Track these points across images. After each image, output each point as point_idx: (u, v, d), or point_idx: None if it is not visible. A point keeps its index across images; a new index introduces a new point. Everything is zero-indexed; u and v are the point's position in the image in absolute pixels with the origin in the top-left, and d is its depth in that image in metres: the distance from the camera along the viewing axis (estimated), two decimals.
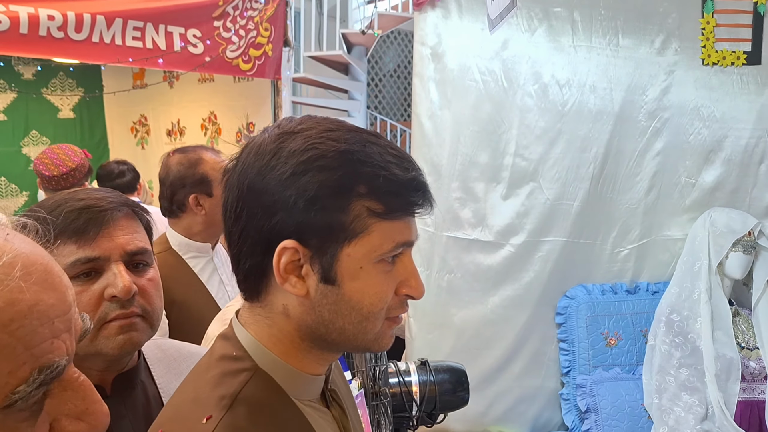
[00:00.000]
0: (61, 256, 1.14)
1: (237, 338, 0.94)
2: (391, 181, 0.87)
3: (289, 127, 0.91)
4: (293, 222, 0.86)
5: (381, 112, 7.99)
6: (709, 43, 3.22)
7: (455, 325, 3.18)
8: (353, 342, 0.92)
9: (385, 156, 0.88)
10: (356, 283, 0.88)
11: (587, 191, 3.18)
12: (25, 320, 0.56)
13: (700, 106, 3.20)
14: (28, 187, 7.83)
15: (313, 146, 0.87)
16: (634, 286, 3.30)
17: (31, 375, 0.56)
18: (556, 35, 3.18)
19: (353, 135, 0.89)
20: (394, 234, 0.89)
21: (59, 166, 3.20)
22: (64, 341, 0.60)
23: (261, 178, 0.87)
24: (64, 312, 0.60)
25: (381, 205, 0.87)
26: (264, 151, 0.89)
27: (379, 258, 0.88)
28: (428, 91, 3.22)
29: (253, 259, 0.90)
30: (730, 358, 2.98)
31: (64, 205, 1.18)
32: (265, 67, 5.91)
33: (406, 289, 0.92)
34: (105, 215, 1.20)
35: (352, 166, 0.86)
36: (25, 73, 7.90)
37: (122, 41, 5.33)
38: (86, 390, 0.63)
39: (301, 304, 0.90)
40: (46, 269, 0.60)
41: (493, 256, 3.19)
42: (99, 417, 0.63)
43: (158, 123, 7.85)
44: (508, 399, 3.23)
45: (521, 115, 3.16)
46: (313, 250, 0.87)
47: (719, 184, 3.22)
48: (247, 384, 0.90)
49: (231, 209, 0.91)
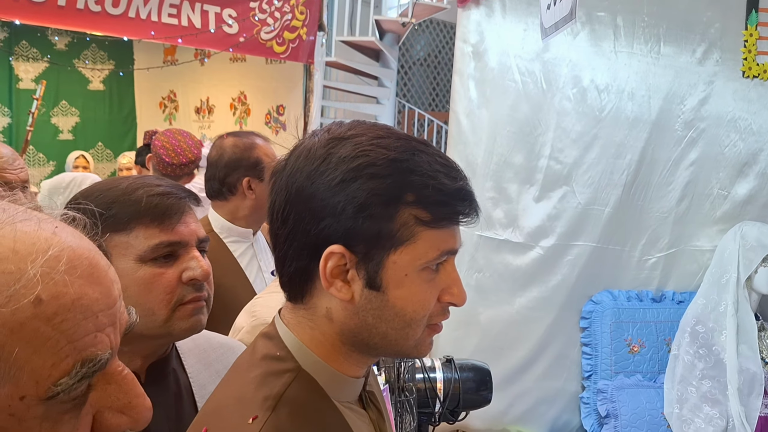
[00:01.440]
0: (143, 238, 1.18)
1: (281, 338, 0.96)
2: (439, 190, 0.88)
3: (339, 133, 0.92)
4: (341, 228, 0.87)
5: (410, 101, 7.98)
6: (751, 56, 3.20)
7: (481, 323, 3.20)
8: (394, 347, 0.93)
9: (433, 165, 0.89)
10: (401, 290, 0.89)
11: (619, 198, 3.18)
12: (69, 313, 0.56)
13: (738, 119, 3.19)
14: (56, 156, 7.91)
15: (363, 153, 0.88)
16: (660, 294, 3.31)
17: (74, 368, 0.56)
18: (598, 40, 3.17)
19: (403, 143, 0.90)
20: (440, 242, 0.90)
21: (179, 155, 3.14)
22: (108, 335, 0.60)
23: (310, 182, 0.89)
24: (109, 306, 0.61)
25: (428, 213, 0.88)
26: (314, 155, 0.90)
27: (423, 266, 0.89)
28: (467, 89, 3.23)
29: (299, 262, 0.91)
30: (753, 373, 2.98)
31: (142, 189, 1.21)
32: (298, 50, 5.92)
33: (449, 296, 0.93)
34: (183, 203, 1.24)
35: (401, 174, 0.87)
36: (58, 43, 7.94)
37: (158, 18, 5.36)
38: (129, 384, 0.63)
39: (345, 308, 0.91)
40: (92, 263, 0.61)
41: (523, 257, 3.21)
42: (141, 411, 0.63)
43: (187, 100, 7.88)
44: (528, 399, 3.26)
45: (558, 118, 3.16)
46: (360, 256, 0.88)
47: (751, 197, 3.21)
48: (291, 385, 0.91)
49: (279, 211, 0.92)
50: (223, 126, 7.30)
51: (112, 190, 1.21)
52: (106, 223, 1.15)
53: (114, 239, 1.18)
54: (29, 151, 7.79)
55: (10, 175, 2.06)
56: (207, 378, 1.34)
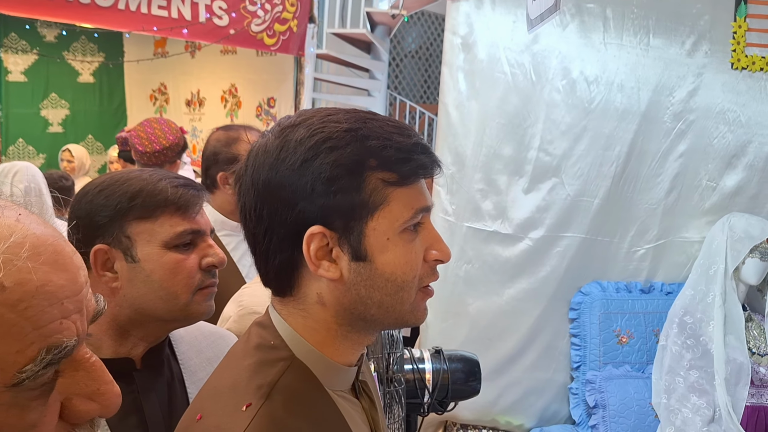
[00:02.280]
0: (168, 225, 1.25)
1: (274, 327, 0.97)
2: (398, 149, 0.90)
3: (289, 122, 0.94)
4: (315, 207, 0.89)
5: (401, 93, 7.98)
6: (740, 47, 3.21)
7: (470, 314, 3.21)
8: (392, 314, 0.94)
9: (386, 128, 0.92)
10: (386, 255, 0.91)
11: (608, 189, 3.19)
12: (34, 300, 0.56)
13: (726, 110, 3.19)
14: (46, 149, 7.88)
15: (318, 130, 0.90)
16: (649, 285, 3.32)
17: (39, 354, 0.56)
18: (587, 31, 3.17)
19: (352, 115, 0.93)
20: (412, 200, 0.92)
21: (153, 143, 3.12)
22: (74, 322, 0.60)
23: (274, 173, 0.90)
24: (75, 293, 0.61)
25: (393, 173, 0.90)
26: (270, 148, 0.92)
27: (402, 227, 0.91)
28: (456, 81, 3.22)
29: (283, 254, 0.92)
30: (740, 363, 3.00)
31: (165, 180, 1.27)
32: (289, 42, 5.91)
33: (433, 254, 0.96)
34: (202, 194, 1.31)
35: (358, 142, 0.89)
36: (48, 35, 7.90)
37: (148, 10, 5.34)
38: (98, 371, 0.63)
39: (335, 288, 0.92)
40: (56, 250, 0.60)
41: (512, 248, 3.22)
42: (110, 397, 0.63)
43: (178, 92, 7.86)
44: (517, 390, 3.27)
45: (547, 110, 3.17)
46: (340, 231, 0.90)
47: (740, 189, 3.22)
48: (285, 374, 0.92)
49: (250, 211, 0.93)
50: (214, 118, 7.28)
51: (135, 180, 1.26)
52: (133, 211, 1.22)
53: (140, 226, 1.23)
54: (18, 143, 7.76)
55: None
56: (198, 365, 1.37)
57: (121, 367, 1.23)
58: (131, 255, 1.23)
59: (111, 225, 1.23)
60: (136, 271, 1.23)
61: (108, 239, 1.23)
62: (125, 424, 1.22)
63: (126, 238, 1.23)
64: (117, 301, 1.24)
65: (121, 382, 1.20)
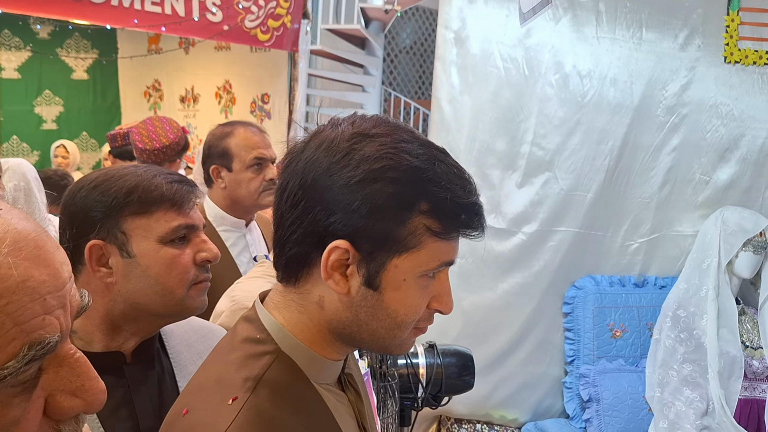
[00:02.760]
0: (164, 221, 1.26)
1: (260, 321, 0.97)
2: (455, 203, 0.90)
3: (364, 128, 0.92)
4: (351, 224, 0.88)
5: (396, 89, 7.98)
6: (733, 41, 3.21)
7: (464, 309, 3.20)
8: (380, 344, 0.96)
9: (451, 177, 0.91)
10: (397, 294, 0.91)
11: (601, 183, 3.20)
12: (14, 296, 0.55)
13: (719, 104, 3.20)
14: (40, 146, 7.86)
15: (387, 156, 0.89)
16: (642, 279, 3.33)
17: (21, 351, 0.55)
18: (580, 25, 3.17)
19: (425, 150, 0.91)
20: (441, 253, 0.92)
21: (153, 141, 3.11)
22: (58, 317, 0.59)
23: (328, 175, 0.89)
24: (58, 288, 0.59)
25: (440, 225, 0.90)
26: (336, 148, 0.91)
27: (422, 273, 0.91)
28: (449, 76, 3.22)
29: (301, 248, 0.92)
30: (733, 356, 3.01)
31: (160, 176, 1.28)
32: (283, 38, 5.89)
33: (438, 304, 0.96)
34: (195, 190, 1.33)
35: (421, 183, 0.89)
36: (41, 32, 7.88)
37: (141, 6, 5.32)
38: (82, 366, 0.62)
39: (339, 300, 0.93)
40: (38, 245, 0.59)
41: (505, 243, 3.22)
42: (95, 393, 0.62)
43: (172, 89, 7.84)
44: (511, 384, 3.27)
45: (540, 105, 3.17)
46: (364, 254, 0.90)
47: (733, 182, 3.23)
48: (270, 367, 0.92)
49: (290, 194, 0.93)
50: (209, 115, 7.27)
51: (130, 176, 1.26)
52: (129, 206, 1.22)
53: (135, 222, 1.24)
54: (12, 141, 7.74)
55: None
56: (188, 359, 1.38)
57: (111, 361, 1.24)
58: (127, 250, 1.24)
59: (106, 220, 1.23)
60: (132, 266, 1.24)
61: (103, 234, 1.23)
62: (115, 417, 1.23)
63: (121, 234, 1.23)
64: (111, 296, 1.24)
65: (111, 375, 1.23)
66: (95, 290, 1.24)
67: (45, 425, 0.61)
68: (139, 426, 1.24)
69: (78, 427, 0.64)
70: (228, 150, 2.29)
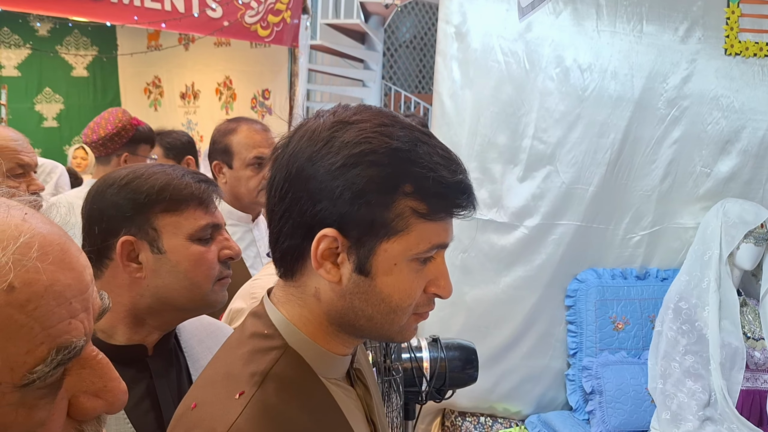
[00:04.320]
0: (193, 219, 1.30)
1: (268, 316, 0.98)
2: (439, 182, 0.89)
3: (344, 116, 0.93)
4: (336, 212, 0.88)
5: (396, 83, 7.97)
6: (733, 33, 3.21)
7: (467, 303, 3.21)
8: (379, 330, 0.95)
9: (434, 157, 0.90)
10: (388, 278, 0.91)
11: (603, 176, 3.20)
12: (42, 300, 0.56)
13: (720, 96, 3.21)
14: (40, 144, 7.84)
15: (366, 140, 0.89)
16: (644, 272, 3.34)
17: (49, 355, 0.56)
18: (580, 19, 3.17)
19: (406, 133, 0.91)
20: (432, 235, 0.91)
21: (94, 132, 2.98)
22: (82, 321, 0.60)
23: (311, 164, 0.90)
24: (82, 292, 0.60)
25: (425, 206, 0.89)
26: (317, 137, 0.91)
27: (413, 257, 0.91)
28: (450, 70, 3.22)
29: (293, 241, 0.93)
30: (735, 347, 3.02)
31: (189, 176, 1.33)
32: (283, 34, 5.89)
33: (435, 288, 0.96)
34: (218, 190, 1.37)
35: (401, 164, 0.88)
36: (41, 29, 7.87)
37: (141, 2, 5.32)
38: (104, 368, 0.63)
39: (332, 289, 0.93)
40: (63, 249, 0.60)
41: (507, 237, 3.22)
42: (117, 394, 0.63)
43: (172, 85, 7.84)
44: (514, 377, 3.28)
45: (541, 98, 3.17)
46: (352, 241, 0.90)
47: (734, 174, 3.24)
48: (278, 362, 0.93)
49: (277, 188, 0.94)
50: (209, 111, 7.27)
51: (160, 174, 1.31)
52: (160, 204, 1.27)
53: (166, 219, 1.28)
54: None
55: (27, 157, 2.11)
56: (200, 354, 1.42)
57: (134, 354, 1.29)
58: (158, 246, 1.28)
59: (137, 217, 1.27)
60: (162, 262, 1.28)
61: (134, 231, 1.27)
62: (139, 408, 1.27)
63: (153, 230, 1.27)
64: (138, 290, 1.28)
65: (134, 368, 1.26)
66: (122, 284, 1.28)
67: (68, 426, 0.62)
68: (162, 417, 1.28)
69: (99, 427, 0.66)
70: (229, 147, 2.32)
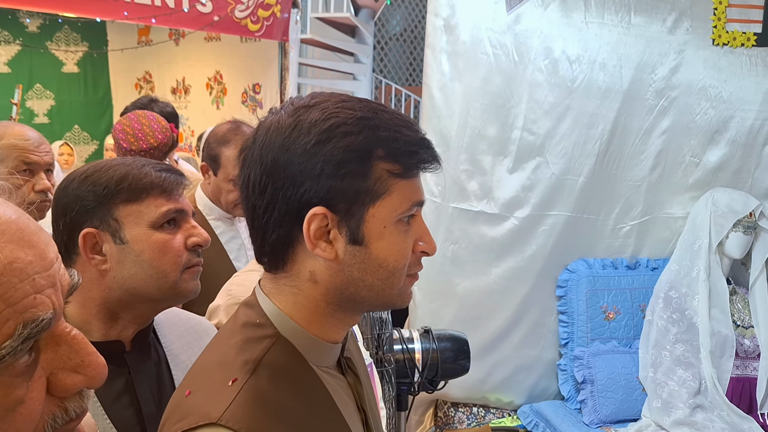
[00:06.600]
0: (154, 206, 1.31)
1: (260, 306, 1.00)
2: (406, 142, 0.94)
3: (303, 102, 0.96)
4: (321, 189, 0.91)
5: (386, 76, 7.97)
6: (720, 23, 3.23)
7: (458, 294, 3.23)
8: (380, 297, 0.98)
9: (396, 121, 0.95)
10: (382, 242, 0.95)
11: (592, 167, 3.22)
12: (3, 278, 0.56)
13: (708, 86, 3.22)
14: None
15: (333, 115, 0.93)
16: (635, 261, 3.36)
17: (16, 330, 0.57)
18: (568, 10, 3.18)
19: (364, 104, 0.96)
20: (410, 193, 0.96)
21: (139, 140, 2.74)
22: (49, 296, 0.60)
23: (284, 150, 0.92)
24: (45, 268, 0.61)
25: (399, 165, 0.94)
26: (283, 125, 0.94)
27: (398, 217, 0.95)
28: (440, 63, 3.23)
29: (282, 230, 0.95)
30: (725, 336, 3.05)
31: (149, 166, 1.33)
32: (273, 28, 5.89)
33: (421, 246, 1.00)
34: (183, 179, 1.37)
35: (370, 131, 0.93)
36: (30, 25, 7.84)
37: None
38: (79, 343, 0.64)
39: (329, 267, 0.95)
40: (20, 227, 0.60)
41: (498, 228, 3.24)
42: (95, 368, 0.64)
43: (163, 80, 7.83)
44: (506, 368, 3.30)
45: (530, 90, 3.18)
46: (341, 214, 0.93)
47: (723, 164, 3.26)
48: (270, 350, 0.95)
49: (255, 184, 0.95)
50: (200, 106, 7.26)
51: (119, 166, 1.31)
52: (120, 194, 1.27)
53: (127, 209, 1.28)
54: None
55: (36, 156, 2.11)
56: (180, 348, 1.42)
57: (111, 350, 1.27)
58: (120, 237, 1.27)
59: (99, 209, 1.27)
60: (126, 252, 1.27)
61: (96, 223, 1.27)
62: (118, 404, 1.27)
63: (114, 221, 1.27)
64: (107, 283, 1.28)
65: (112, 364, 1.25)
66: (91, 279, 1.28)
67: (50, 403, 0.63)
68: (141, 412, 1.28)
69: (82, 402, 0.66)
70: (219, 157, 2.35)
